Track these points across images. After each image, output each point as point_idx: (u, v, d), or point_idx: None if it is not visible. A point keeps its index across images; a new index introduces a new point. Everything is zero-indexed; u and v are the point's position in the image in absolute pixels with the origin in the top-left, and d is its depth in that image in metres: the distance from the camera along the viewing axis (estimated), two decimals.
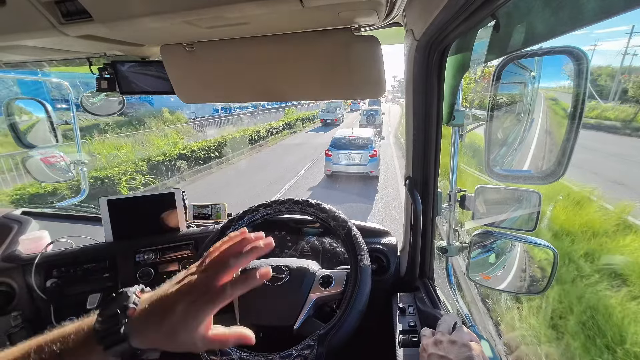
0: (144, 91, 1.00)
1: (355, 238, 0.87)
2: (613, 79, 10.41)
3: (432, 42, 0.67)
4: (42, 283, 1.06)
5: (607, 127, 12.05)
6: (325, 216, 0.92)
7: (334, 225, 0.90)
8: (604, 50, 38.44)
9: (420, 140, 0.83)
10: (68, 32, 0.59)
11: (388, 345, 0.80)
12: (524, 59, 0.69)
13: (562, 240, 3.29)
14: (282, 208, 0.96)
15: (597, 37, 37.60)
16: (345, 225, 0.90)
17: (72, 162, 1.65)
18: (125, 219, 1.17)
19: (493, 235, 0.87)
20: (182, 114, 15.12)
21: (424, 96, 0.77)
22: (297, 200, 0.96)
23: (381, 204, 5.92)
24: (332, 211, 0.93)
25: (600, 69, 10.55)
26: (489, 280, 0.94)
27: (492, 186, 0.91)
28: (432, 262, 0.98)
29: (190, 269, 0.44)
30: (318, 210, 0.93)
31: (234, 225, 0.95)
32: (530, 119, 0.87)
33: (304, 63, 0.75)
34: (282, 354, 0.67)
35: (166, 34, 0.74)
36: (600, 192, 4.48)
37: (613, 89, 16.22)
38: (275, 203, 0.97)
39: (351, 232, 0.88)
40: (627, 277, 2.62)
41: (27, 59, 0.97)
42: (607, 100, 10.28)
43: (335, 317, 0.74)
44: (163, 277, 1.13)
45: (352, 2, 0.52)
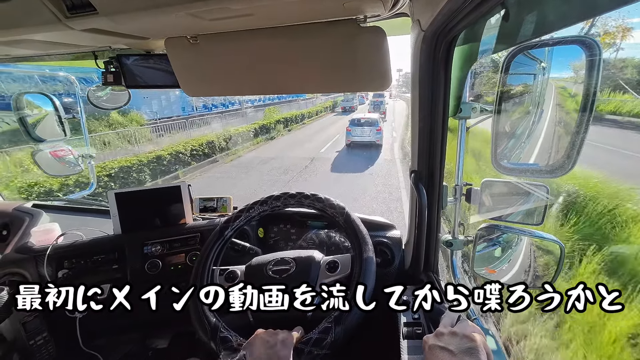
0: (149, 85, 1.00)
1: (354, 222, 0.87)
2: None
3: (439, 32, 0.65)
4: (54, 274, 1.09)
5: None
6: (322, 205, 0.92)
7: (331, 213, 0.90)
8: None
9: (426, 133, 0.82)
10: (73, 26, 0.60)
11: (392, 337, 0.81)
12: (534, 50, 0.67)
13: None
14: (277, 203, 0.96)
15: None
16: (343, 211, 0.90)
17: (80, 155, 1.67)
18: (132, 211, 1.19)
19: (499, 229, 0.87)
20: (141, 114, 12.12)
21: (430, 88, 0.76)
22: (293, 194, 0.96)
23: (382, 157, 10.30)
24: (328, 200, 0.93)
25: (624, 61, 9.29)
26: (494, 274, 0.94)
27: (499, 180, 0.90)
28: (437, 255, 0.98)
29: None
30: (314, 200, 0.93)
31: (230, 225, 0.94)
32: (539, 111, 0.85)
33: (308, 55, 0.74)
34: (302, 340, 0.68)
35: (170, 27, 0.74)
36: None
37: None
38: (270, 198, 0.97)
39: (350, 217, 0.88)
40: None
41: (34, 53, 0.98)
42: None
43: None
44: (170, 269, 1.16)
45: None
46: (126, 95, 1.25)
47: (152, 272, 1.13)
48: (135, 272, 1.13)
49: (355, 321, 0.71)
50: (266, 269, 0.86)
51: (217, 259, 0.92)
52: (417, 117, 0.81)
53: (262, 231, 1.30)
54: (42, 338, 1.09)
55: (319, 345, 0.67)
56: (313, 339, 0.67)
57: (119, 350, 1.24)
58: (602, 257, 2.61)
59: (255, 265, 0.89)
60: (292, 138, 15.01)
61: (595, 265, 2.58)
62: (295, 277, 0.84)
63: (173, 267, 1.16)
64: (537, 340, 2.17)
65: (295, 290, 0.72)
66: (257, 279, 0.86)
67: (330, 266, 0.85)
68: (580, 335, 2.08)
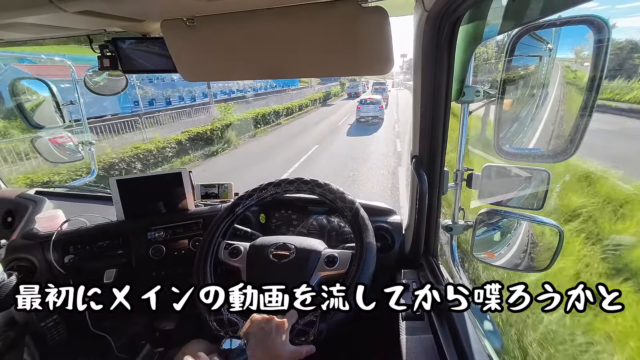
0: (146, 69, 0.98)
1: (362, 219, 0.88)
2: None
3: (444, 12, 0.63)
4: (60, 259, 1.11)
5: None
6: (333, 197, 0.93)
7: (341, 207, 0.91)
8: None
9: (428, 118, 0.81)
10: (66, 8, 0.58)
11: (392, 318, 0.83)
12: (541, 30, 0.65)
13: None
14: (291, 187, 0.97)
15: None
16: (352, 207, 0.90)
17: (80, 142, 1.66)
18: (134, 198, 1.20)
19: (499, 213, 0.87)
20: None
21: (433, 71, 0.74)
22: (306, 180, 0.97)
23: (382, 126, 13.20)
24: (340, 192, 0.93)
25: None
26: (492, 257, 0.95)
27: (500, 165, 0.90)
28: (437, 240, 0.99)
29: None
30: (327, 190, 0.94)
31: (242, 202, 0.97)
32: (544, 94, 0.83)
33: (308, 37, 0.72)
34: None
35: (166, 8, 0.71)
36: None
37: None
38: (284, 182, 0.98)
39: (358, 213, 0.89)
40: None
41: (27, 37, 0.95)
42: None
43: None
44: (174, 254, 1.18)
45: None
46: (123, 80, 1.22)
47: (156, 257, 1.15)
48: (140, 258, 1.15)
49: (341, 319, 0.73)
50: (267, 251, 0.88)
51: (225, 235, 0.96)
52: (419, 101, 0.80)
53: (263, 217, 1.31)
54: (53, 320, 1.13)
55: (299, 337, 0.70)
56: (296, 329, 0.71)
57: (127, 331, 1.28)
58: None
59: (259, 246, 0.92)
60: (242, 156, 9.55)
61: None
62: (294, 264, 0.86)
63: (177, 252, 1.18)
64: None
65: (295, 290, 0.73)
66: (257, 260, 0.88)
67: (329, 260, 0.86)
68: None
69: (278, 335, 0.66)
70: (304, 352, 0.69)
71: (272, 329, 0.67)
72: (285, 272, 0.86)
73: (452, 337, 0.69)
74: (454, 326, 0.70)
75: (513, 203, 0.87)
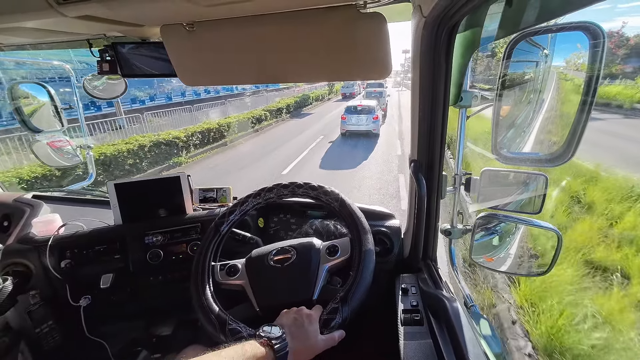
0: (145, 73, 0.98)
1: (349, 206, 0.88)
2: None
3: (441, 18, 0.64)
4: (56, 264, 1.10)
5: None
6: (315, 193, 0.92)
7: (326, 200, 0.91)
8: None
9: (426, 122, 0.81)
10: (66, 13, 0.58)
11: (391, 323, 0.83)
12: (537, 36, 0.66)
13: None
14: (271, 195, 0.96)
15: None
16: (337, 197, 0.90)
17: (78, 146, 1.66)
18: (132, 202, 1.19)
19: (497, 217, 0.87)
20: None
21: (431, 76, 0.75)
22: (285, 184, 0.96)
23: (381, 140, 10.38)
24: (321, 187, 0.93)
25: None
26: (491, 262, 0.95)
27: (498, 169, 0.90)
28: (436, 244, 0.99)
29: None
30: (308, 189, 0.93)
31: (226, 220, 0.94)
32: (540, 99, 0.84)
33: (307, 42, 0.72)
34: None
35: (166, 13, 0.72)
36: None
37: None
38: (263, 191, 0.97)
39: (345, 201, 0.89)
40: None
41: (27, 41, 0.96)
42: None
43: (350, 277, 0.77)
44: (172, 259, 1.17)
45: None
46: (122, 85, 1.23)
47: (153, 262, 1.14)
48: (137, 262, 1.14)
49: (360, 296, 0.74)
50: (267, 259, 0.87)
51: (215, 255, 0.91)
52: (417, 106, 0.80)
53: (262, 221, 1.30)
54: (48, 326, 1.11)
55: (327, 326, 0.70)
56: (322, 319, 0.71)
57: (124, 337, 1.26)
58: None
59: (256, 257, 0.89)
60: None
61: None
62: (297, 264, 0.85)
63: (174, 256, 1.17)
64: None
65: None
66: (258, 271, 0.86)
67: (330, 250, 0.86)
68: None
69: (311, 325, 0.68)
70: (336, 337, 0.70)
71: (304, 319, 0.68)
72: (291, 273, 0.84)
73: (451, 343, 0.69)
74: (453, 331, 0.69)
75: (511, 207, 0.88)
